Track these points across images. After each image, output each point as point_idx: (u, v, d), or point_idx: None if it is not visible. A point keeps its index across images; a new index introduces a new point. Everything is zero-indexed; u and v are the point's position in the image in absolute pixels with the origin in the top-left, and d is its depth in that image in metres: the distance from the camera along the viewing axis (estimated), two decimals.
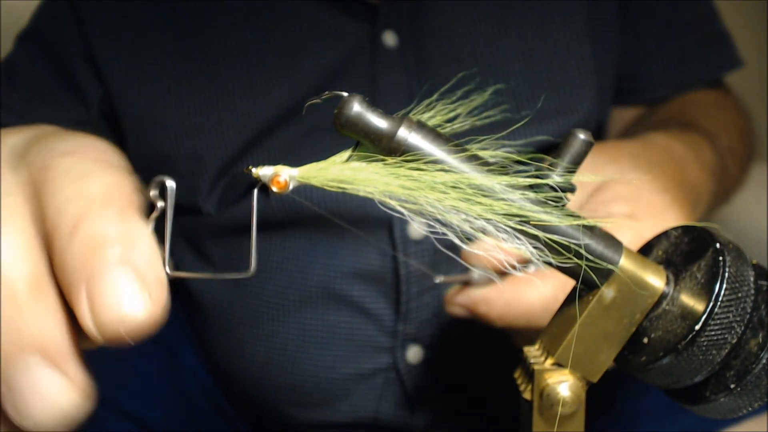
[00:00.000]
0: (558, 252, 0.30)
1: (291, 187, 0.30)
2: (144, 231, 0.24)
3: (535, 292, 0.44)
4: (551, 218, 0.30)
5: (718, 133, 0.73)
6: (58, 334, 0.23)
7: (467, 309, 0.47)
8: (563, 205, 0.31)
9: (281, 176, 0.30)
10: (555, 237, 0.30)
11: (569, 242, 0.30)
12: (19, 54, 0.72)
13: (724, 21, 0.82)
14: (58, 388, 0.22)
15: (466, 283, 0.47)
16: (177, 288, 0.81)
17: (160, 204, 0.28)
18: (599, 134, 0.76)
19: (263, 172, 0.30)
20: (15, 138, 0.28)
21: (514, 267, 0.32)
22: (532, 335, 0.49)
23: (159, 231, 0.26)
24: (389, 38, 0.66)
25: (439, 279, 0.53)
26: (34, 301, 0.23)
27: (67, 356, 0.23)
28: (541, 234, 0.30)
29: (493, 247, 0.30)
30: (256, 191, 0.29)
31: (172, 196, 0.28)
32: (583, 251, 0.30)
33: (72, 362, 0.23)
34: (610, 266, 0.31)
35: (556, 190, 0.30)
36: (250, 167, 0.30)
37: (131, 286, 0.22)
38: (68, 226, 0.23)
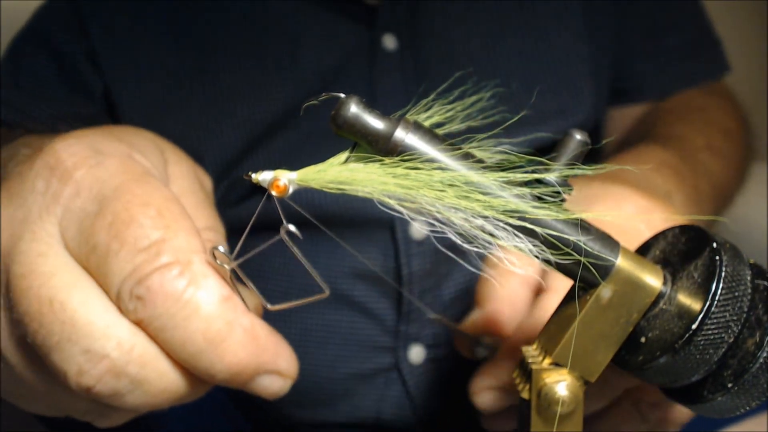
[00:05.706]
0: (556, 250, 0.31)
1: (291, 190, 0.30)
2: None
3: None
4: (548, 213, 0.30)
5: (688, 137, 0.72)
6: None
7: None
8: (560, 204, 0.31)
9: (281, 180, 0.30)
10: (553, 233, 0.30)
11: (567, 238, 0.30)
12: (21, 52, 0.72)
13: (724, 21, 0.81)
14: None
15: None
16: None
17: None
18: (597, 135, 0.76)
19: (262, 177, 0.30)
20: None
21: None
22: None
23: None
24: (389, 41, 0.66)
25: (433, 316, 0.59)
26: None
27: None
28: (539, 229, 0.30)
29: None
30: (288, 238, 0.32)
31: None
32: (583, 246, 0.31)
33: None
34: (607, 265, 0.31)
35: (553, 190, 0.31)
36: (249, 173, 0.30)
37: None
38: None
